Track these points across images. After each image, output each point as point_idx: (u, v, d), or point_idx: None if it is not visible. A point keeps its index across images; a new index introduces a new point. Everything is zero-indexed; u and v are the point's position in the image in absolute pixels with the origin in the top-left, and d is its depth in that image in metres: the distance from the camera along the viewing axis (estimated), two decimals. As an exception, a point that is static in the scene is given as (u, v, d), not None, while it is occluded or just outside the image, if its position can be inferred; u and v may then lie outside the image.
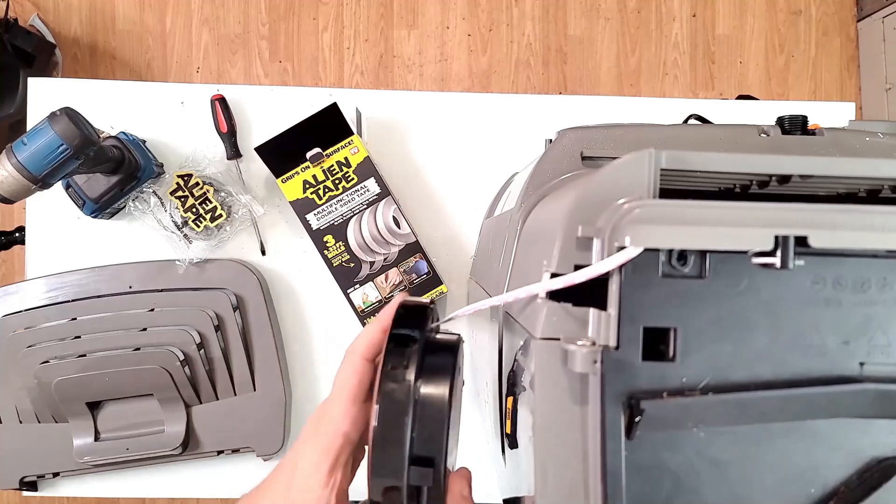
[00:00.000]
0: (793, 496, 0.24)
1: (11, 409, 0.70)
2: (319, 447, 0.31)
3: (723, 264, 0.23)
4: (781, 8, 1.71)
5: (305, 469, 0.31)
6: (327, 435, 0.32)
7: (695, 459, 0.23)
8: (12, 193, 0.56)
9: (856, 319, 0.24)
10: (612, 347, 0.23)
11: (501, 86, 1.68)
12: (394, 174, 0.77)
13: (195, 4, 1.66)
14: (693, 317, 0.23)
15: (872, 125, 0.43)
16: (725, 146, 0.40)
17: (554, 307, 0.24)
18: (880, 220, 0.21)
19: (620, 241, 0.21)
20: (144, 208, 0.72)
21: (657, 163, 0.24)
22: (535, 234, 0.33)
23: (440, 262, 0.76)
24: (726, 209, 0.21)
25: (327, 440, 0.31)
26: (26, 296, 0.71)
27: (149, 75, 1.66)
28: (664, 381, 0.23)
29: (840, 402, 0.23)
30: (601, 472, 0.23)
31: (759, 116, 0.78)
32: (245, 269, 0.72)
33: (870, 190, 0.28)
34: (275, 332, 0.73)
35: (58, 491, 0.74)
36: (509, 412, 0.33)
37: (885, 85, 1.63)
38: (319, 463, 0.31)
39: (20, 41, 1.44)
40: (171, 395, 0.69)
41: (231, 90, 0.76)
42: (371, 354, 0.33)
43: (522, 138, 0.77)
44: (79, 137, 0.55)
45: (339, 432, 0.31)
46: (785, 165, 0.25)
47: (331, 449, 0.31)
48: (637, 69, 1.70)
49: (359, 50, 1.67)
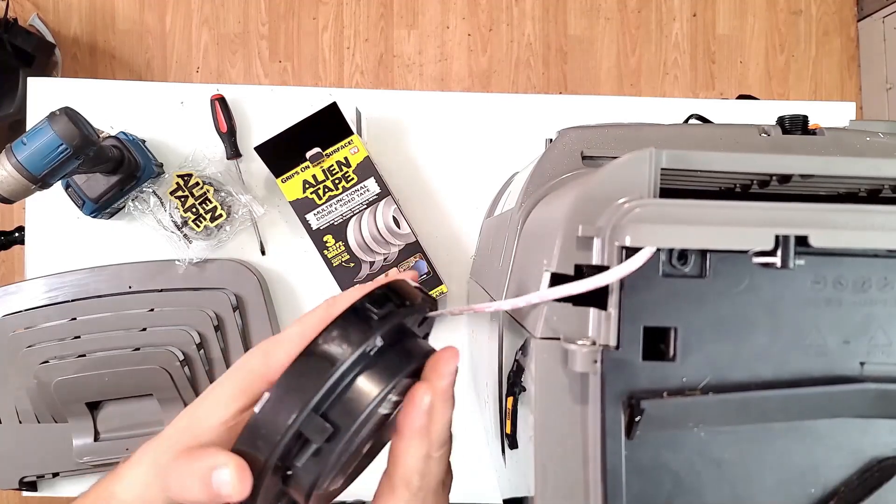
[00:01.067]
0: (793, 496, 0.24)
1: (11, 410, 0.70)
2: (239, 385, 0.27)
3: (723, 264, 0.23)
4: (782, 8, 1.71)
5: (215, 401, 0.27)
6: (253, 374, 0.27)
7: (695, 459, 0.23)
8: (12, 193, 0.55)
9: (856, 319, 0.24)
10: (612, 347, 0.23)
11: (501, 86, 1.68)
12: (394, 174, 0.77)
13: (195, 4, 1.66)
14: (693, 316, 0.23)
15: (873, 125, 0.43)
16: (726, 146, 0.40)
17: (554, 307, 0.24)
18: (881, 219, 0.21)
19: (621, 240, 0.21)
20: (144, 208, 0.72)
21: (658, 162, 0.24)
22: (535, 234, 0.33)
23: (440, 262, 0.76)
24: (727, 209, 0.21)
25: (251, 380, 0.27)
26: (26, 296, 0.71)
27: (148, 75, 1.66)
28: (664, 380, 0.23)
29: (840, 402, 0.23)
30: (601, 472, 0.22)
31: (760, 116, 0.78)
32: (245, 269, 0.72)
33: (870, 190, 0.28)
34: (275, 332, 0.73)
35: (57, 491, 0.74)
36: (509, 412, 0.33)
37: (886, 85, 1.63)
38: (233, 398, 0.27)
39: (20, 41, 1.44)
40: (170, 396, 0.69)
41: (231, 90, 0.75)
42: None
43: (522, 138, 0.77)
44: (78, 137, 0.55)
45: (268, 376, 0.27)
46: (786, 165, 0.25)
47: (249, 389, 0.27)
48: (637, 69, 1.70)
49: (359, 50, 1.67)
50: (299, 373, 0.23)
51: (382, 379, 0.25)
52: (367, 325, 0.24)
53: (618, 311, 0.22)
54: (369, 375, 0.25)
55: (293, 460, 0.24)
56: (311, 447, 0.24)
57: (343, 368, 0.23)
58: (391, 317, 0.25)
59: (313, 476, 0.24)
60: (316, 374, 0.23)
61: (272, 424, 0.23)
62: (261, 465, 0.23)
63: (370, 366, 0.25)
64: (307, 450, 0.24)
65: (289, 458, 0.24)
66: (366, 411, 0.24)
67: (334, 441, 0.24)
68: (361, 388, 0.24)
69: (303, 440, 0.24)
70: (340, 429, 0.24)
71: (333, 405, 0.24)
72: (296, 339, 0.27)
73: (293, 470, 0.24)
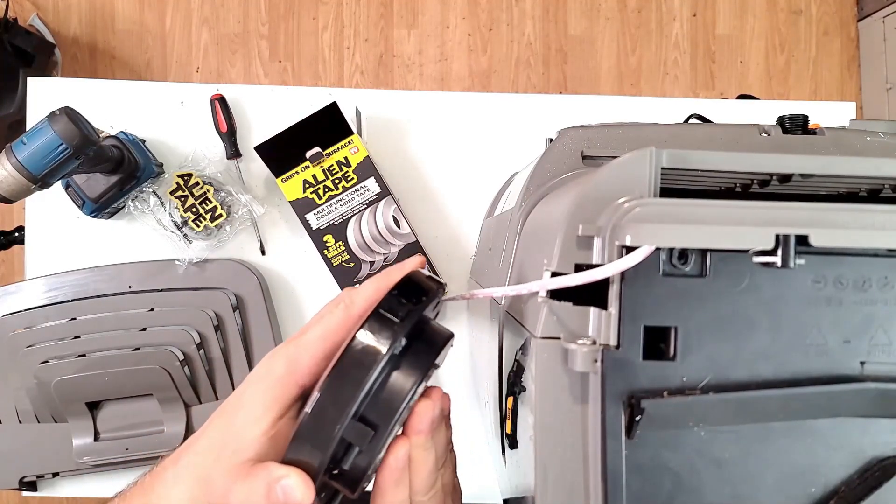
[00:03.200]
0: (793, 495, 0.24)
1: (11, 409, 0.70)
2: (271, 393, 0.27)
3: (724, 263, 0.23)
4: (782, 8, 1.71)
5: (250, 413, 0.27)
6: (283, 381, 0.28)
7: (695, 459, 0.23)
8: (12, 193, 0.55)
9: (856, 318, 0.23)
10: (612, 346, 0.22)
11: (501, 85, 1.68)
12: (394, 174, 0.77)
13: (195, 4, 1.66)
14: (694, 316, 0.23)
15: (873, 125, 0.43)
16: (726, 145, 0.40)
17: (554, 306, 0.24)
18: (881, 219, 0.21)
19: (621, 239, 0.21)
20: (144, 208, 0.72)
21: (658, 161, 0.24)
22: (535, 233, 0.33)
23: (440, 262, 0.76)
24: (727, 208, 0.21)
25: (282, 388, 0.28)
26: (26, 296, 0.71)
27: (148, 75, 1.66)
28: (665, 380, 0.23)
29: (841, 402, 0.23)
30: (601, 472, 0.22)
31: (760, 116, 0.78)
32: (245, 269, 0.72)
33: (870, 189, 0.28)
34: (275, 332, 0.73)
35: (57, 491, 0.74)
36: (509, 412, 0.33)
37: (886, 85, 1.63)
38: (267, 409, 0.27)
39: (20, 41, 1.44)
40: (170, 395, 0.69)
41: (231, 90, 0.75)
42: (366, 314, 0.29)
43: (522, 138, 0.77)
44: (78, 137, 0.55)
45: (298, 383, 0.28)
46: (787, 164, 0.25)
47: (282, 397, 0.27)
48: (637, 69, 1.70)
49: (359, 49, 1.67)
50: (336, 384, 0.25)
51: (413, 374, 0.26)
52: (391, 327, 0.26)
53: (618, 310, 0.22)
54: (401, 372, 0.26)
55: (340, 463, 0.26)
56: (356, 449, 0.26)
57: (377, 374, 0.25)
58: (413, 314, 0.26)
59: (360, 471, 0.26)
60: (352, 384, 0.25)
61: (318, 437, 0.25)
62: (315, 470, 0.25)
63: (399, 363, 0.26)
64: (352, 451, 0.26)
65: (336, 461, 0.26)
66: (402, 407, 0.26)
67: (376, 440, 0.25)
68: (395, 387, 0.26)
69: (347, 443, 0.26)
70: (380, 427, 0.26)
71: (371, 407, 0.26)
72: (319, 344, 0.28)
73: (339, 469, 0.26)
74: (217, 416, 0.29)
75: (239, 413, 0.28)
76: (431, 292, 0.28)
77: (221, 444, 0.27)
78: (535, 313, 0.26)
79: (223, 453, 0.27)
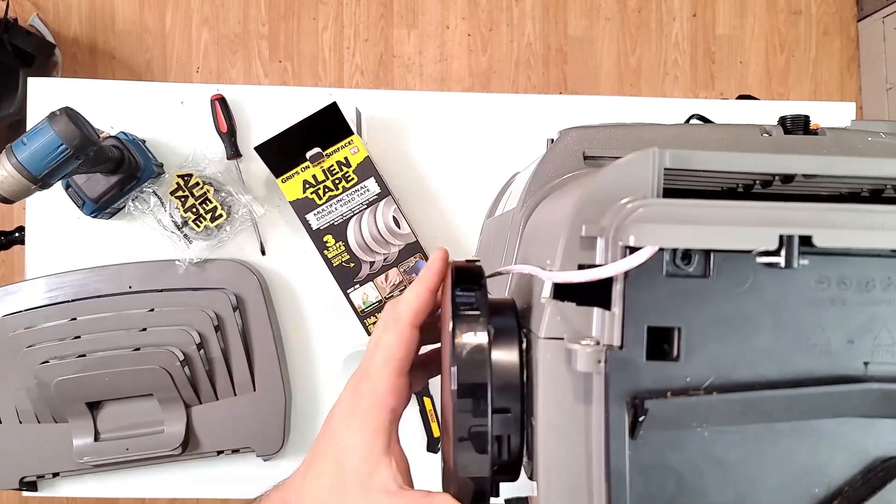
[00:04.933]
0: (797, 496, 0.24)
1: (11, 410, 0.70)
2: (368, 427, 0.28)
3: (727, 263, 0.23)
4: (782, 8, 1.72)
5: (357, 453, 0.28)
6: (373, 413, 0.28)
7: (699, 459, 0.23)
8: (12, 193, 0.55)
9: (860, 319, 0.23)
10: (616, 347, 0.22)
11: (502, 86, 1.68)
12: (394, 174, 0.77)
13: (195, 4, 1.66)
14: (697, 316, 0.23)
15: (874, 125, 0.43)
16: (727, 146, 0.40)
17: (558, 306, 0.24)
18: (884, 219, 0.21)
19: (625, 240, 0.21)
20: (144, 208, 0.72)
21: (661, 162, 0.24)
22: (537, 234, 0.33)
23: (441, 261, 0.76)
24: (731, 209, 0.21)
25: (376, 420, 0.28)
26: (26, 296, 0.71)
27: (148, 75, 1.66)
28: (668, 380, 0.23)
29: (844, 402, 0.23)
30: (605, 472, 0.22)
31: (760, 116, 0.78)
32: (245, 269, 0.72)
33: (873, 189, 0.28)
34: (275, 332, 0.73)
35: (57, 491, 0.74)
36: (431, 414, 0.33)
37: (886, 85, 1.63)
38: (372, 444, 0.28)
39: (20, 41, 1.44)
40: (170, 395, 0.69)
41: (231, 90, 0.75)
42: (419, 321, 0.30)
43: (523, 138, 0.77)
44: (79, 137, 0.55)
45: (387, 408, 0.28)
46: (790, 165, 0.25)
47: (381, 428, 0.28)
48: (637, 69, 1.70)
49: (359, 50, 1.67)
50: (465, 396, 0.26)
51: (511, 346, 0.27)
52: (477, 320, 0.27)
53: (622, 310, 0.22)
54: (500, 350, 0.27)
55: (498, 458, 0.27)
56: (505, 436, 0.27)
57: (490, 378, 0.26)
58: (484, 301, 0.27)
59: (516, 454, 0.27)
60: (479, 388, 0.26)
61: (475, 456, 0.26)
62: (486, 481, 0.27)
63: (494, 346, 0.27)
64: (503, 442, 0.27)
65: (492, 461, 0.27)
66: (520, 381, 0.27)
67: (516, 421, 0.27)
68: (504, 369, 0.27)
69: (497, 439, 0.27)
70: (511, 409, 0.26)
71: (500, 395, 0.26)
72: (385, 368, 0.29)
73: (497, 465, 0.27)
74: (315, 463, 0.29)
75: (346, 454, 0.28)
76: (481, 273, 0.29)
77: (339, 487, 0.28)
78: (538, 313, 0.26)
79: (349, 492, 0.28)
